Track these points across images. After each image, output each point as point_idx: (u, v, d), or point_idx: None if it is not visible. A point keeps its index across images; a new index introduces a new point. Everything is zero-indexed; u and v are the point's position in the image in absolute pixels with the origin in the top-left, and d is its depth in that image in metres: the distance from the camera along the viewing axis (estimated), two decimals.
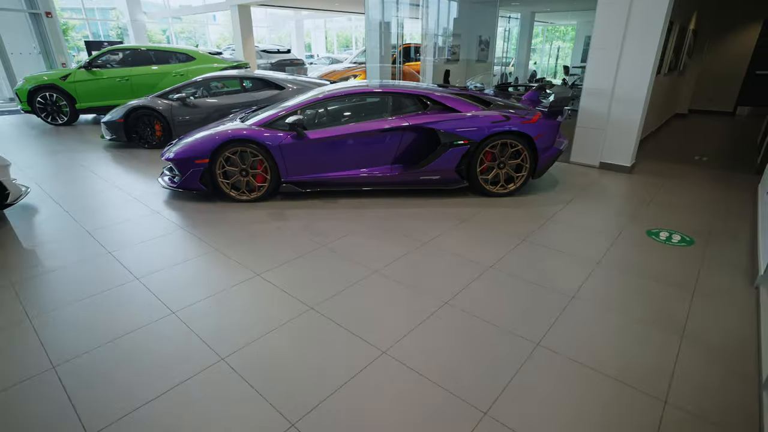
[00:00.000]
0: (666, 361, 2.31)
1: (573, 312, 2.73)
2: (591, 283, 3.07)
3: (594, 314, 2.71)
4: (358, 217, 4.21)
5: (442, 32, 10.60)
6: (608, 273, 3.23)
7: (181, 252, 3.47)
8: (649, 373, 2.21)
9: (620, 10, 5.33)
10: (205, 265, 3.28)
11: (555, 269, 3.27)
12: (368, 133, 4.47)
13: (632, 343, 2.44)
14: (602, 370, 2.23)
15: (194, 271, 3.18)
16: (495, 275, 3.16)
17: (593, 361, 2.29)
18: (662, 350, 2.39)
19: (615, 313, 2.73)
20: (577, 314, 2.71)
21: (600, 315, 2.70)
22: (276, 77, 7.22)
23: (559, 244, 3.69)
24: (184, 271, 3.18)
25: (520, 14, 13.31)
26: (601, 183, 5.36)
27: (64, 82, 8.17)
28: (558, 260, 3.41)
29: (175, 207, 4.43)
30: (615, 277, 3.17)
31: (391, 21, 9.53)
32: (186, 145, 4.51)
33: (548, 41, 22.64)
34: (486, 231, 3.92)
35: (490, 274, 3.17)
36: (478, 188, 4.71)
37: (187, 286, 2.97)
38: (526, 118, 4.58)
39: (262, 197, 4.58)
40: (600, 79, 5.70)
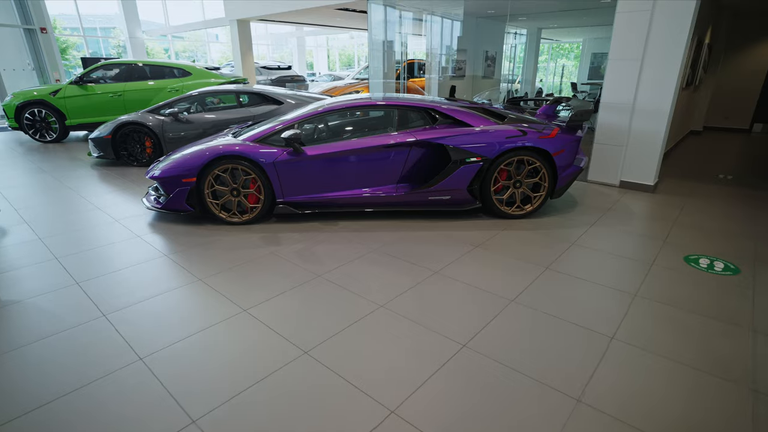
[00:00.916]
0: (740, 422, 1.90)
1: (615, 357, 2.32)
2: (631, 321, 2.66)
3: (640, 359, 2.30)
4: (360, 241, 3.83)
5: (447, 49, 10.39)
6: (649, 307, 2.82)
7: (159, 282, 3.08)
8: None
9: (641, 18, 5.03)
10: (184, 298, 2.89)
11: (587, 303, 2.86)
12: (372, 150, 4.13)
13: (693, 398, 2.03)
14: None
15: (171, 306, 2.78)
16: (518, 311, 2.75)
17: (648, 421, 1.88)
18: (730, 407, 1.98)
19: (665, 358, 2.31)
20: (620, 360, 2.30)
21: (647, 360, 2.29)
22: (274, 92, 6.93)
23: (587, 272, 3.29)
24: (160, 305, 2.79)
25: (527, 30, 13.15)
26: (623, 203, 4.98)
27: (54, 97, 7.90)
28: (589, 292, 3.01)
29: (159, 230, 4.06)
30: (658, 313, 2.76)
31: (395, 37, 9.31)
32: (173, 162, 4.17)
33: (553, 59, 22.58)
34: (503, 258, 3.53)
35: (512, 309, 2.77)
36: (492, 209, 4.34)
37: (161, 325, 2.57)
38: (544, 132, 4.23)
39: (255, 219, 4.21)
40: (619, 92, 5.37)
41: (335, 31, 19.70)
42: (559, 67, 22.79)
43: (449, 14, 9.72)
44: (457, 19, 10.06)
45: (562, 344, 2.43)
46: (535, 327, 2.58)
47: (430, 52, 10.34)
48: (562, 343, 2.43)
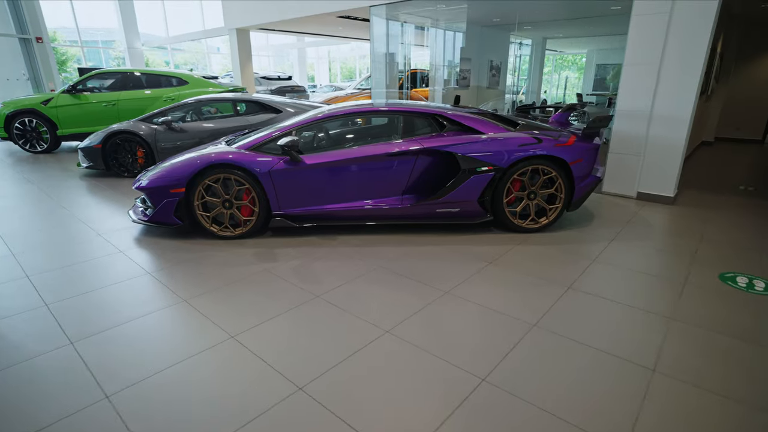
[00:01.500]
0: None
1: (659, 394, 2.00)
2: (671, 349, 2.35)
3: (686, 396, 1.98)
4: (361, 258, 3.53)
5: (451, 59, 10.19)
6: (689, 333, 2.51)
7: (138, 304, 2.78)
8: None
9: (658, 20, 4.79)
10: (164, 322, 2.58)
11: (618, 328, 2.55)
12: (375, 158, 3.85)
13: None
14: None
15: (149, 332, 2.48)
16: (542, 337, 2.44)
17: None
18: None
19: (716, 394, 2.00)
20: (665, 398, 1.98)
21: (695, 397, 1.97)
22: (273, 100, 6.69)
23: (614, 292, 2.98)
24: (136, 331, 2.48)
25: (532, 40, 12.99)
26: (643, 216, 4.68)
27: (45, 106, 7.68)
28: (619, 315, 2.70)
29: (144, 245, 3.77)
30: (699, 339, 2.45)
31: (398, 47, 9.11)
32: (161, 171, 3.89)
33: (557, 71, 22.46)
34: (520, 276, 3.22)
35: (535, 335, 2.46)
36: (505, 222, 4.04)
37: (134, 355, 2.26)
38: (561, 140, 3.96)
39: (249, 233, 3.92)
40: (636, 99, 5.11)
41: (337, 42, 19.62)
42: (562, 78, 22.66)
43: (453, 23, 9.54)
44: (459, 30, 9.88)
45: (597, 378, 2.11)
46: (563, 356, 2.27)
47: (434, 62, 10.15)
48: (597, 377, 2.12)
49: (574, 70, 22.80)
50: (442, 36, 9.78)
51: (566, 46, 17.12)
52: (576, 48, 18.21)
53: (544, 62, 14.10)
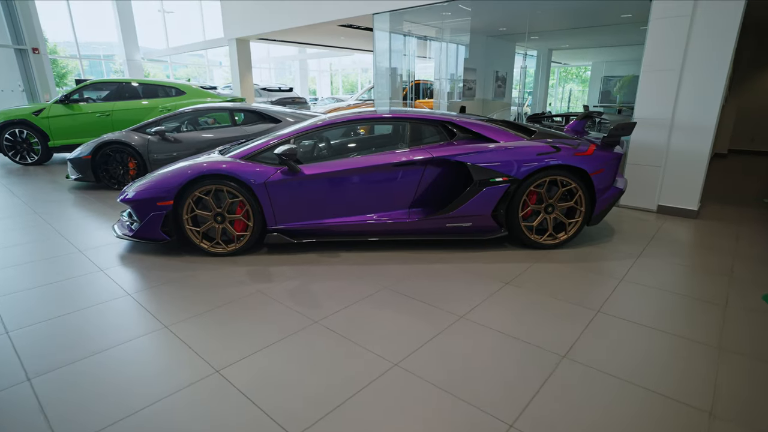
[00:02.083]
0: None
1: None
2: (726, 386, 2.02)
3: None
4: (366, 277, 3.22)
5: (456, 70, 9.98)
6: (743, 365, 2.19)
7: (113, 331, 2.47)
8: None
9: (679, 23, 4.54)
10: (140, 354, 2.27)
11: (661, 360, 2.23)
12: (380, 169, 3.56)
13: None
14: None
15: (120, 366, 2.16)
16: (575, 371, 2.12)
17: None
18: None
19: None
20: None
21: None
22: (271, 109, 6.45)
23: (648, 316, 2.66)
24: (106, 364, 2.17)
25: (537, 52, 12.81)
26: (667, 231, 4.37)
27: (37, 117, 7.44)
28: (661, 344, 2.37)
29: (128, 263, 3.47)
30: (756, 372, 2.12)
31: (402, 56, 8.90)
32: (148, 182, 3.61)
33: (561, 83, 22.34)
34: (542, 298, 2.90)
35: (566, 369, 2.14)
36: (520, 238, 3.74)
37: (100, 395, 1.95)
38: (580, 149, 3.67)
39: (242, 250, 3.62)
40: (655, 107, 4.84)
41: (339, 54, 19.53)
42: (566, 91, 22.52)
43: (458, 32, 9.35)
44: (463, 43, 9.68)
45: (644, 422, 1.79)
46: (602, 396, 1.95)
47: (438, 72, 9.94)
48: (644, 421, 1.79)
49: (577, 83, 22.70)
50: (446, 45, 9.58)
51: (571, 58, 16.98)
52: (581, 60, 18.09)
53: (549, 74, 13.93)
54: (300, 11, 8.89)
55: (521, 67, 12.71)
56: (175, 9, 19.88)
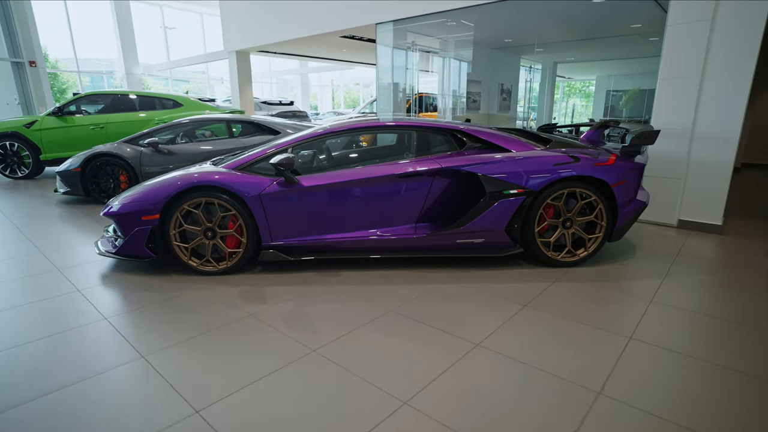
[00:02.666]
0: None
1: None
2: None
3: None
4: (369, 299, 2.94)
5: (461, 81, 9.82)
6: None
7: (83, 362, 2.18)
8: None
9: (699, 29, 4.33)
10: (109, 390, 1.97)
11: (705, 393, 1.94)
12: (384, 180, 3.31)
13: None
14: None
15: (87, 404, 1.87)
16: (613, 410, 1.83)
17: None
18: None
19: None
20: None
21: None
22: (270, 121, 6.23)
23: (688, 344, 2.37)
24: (70, 403, 1.88)
25: (542, 65, 12.70)
26: (691, 247, 4.09)
27: (29, 129, 7.24)
28: (702, 375, 2.08)
29: (109, 283, 3.19)
30: None
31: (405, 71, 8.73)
32: (134, 194, 3.35)
33: (564, 98, 22.26)
34: (566, 322, 2.62)
35: (603, 407, 1.85)
36: (536, 254, 3.46)
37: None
38: (600, 159, 3.42)
39: (235, 268, 3.34)
40: (674, 116, 4.60)
41: (341, 67, 19.45)
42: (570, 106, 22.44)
43: (462, 44, 9.19)
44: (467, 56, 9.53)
45: None
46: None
47: (442, 84, 9.77)
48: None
49: (581, 98, 22.63)
50: (451, 56, 9.42)
51: (576, 72, 16.89)
52: (585, 74, 18.00)
53: (555, 88, 13.80)
54: (302, 22, 8.76)
55: (526, 80, 12.59)
56: (177, 25, 19.96)
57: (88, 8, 16.72)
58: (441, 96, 10.01)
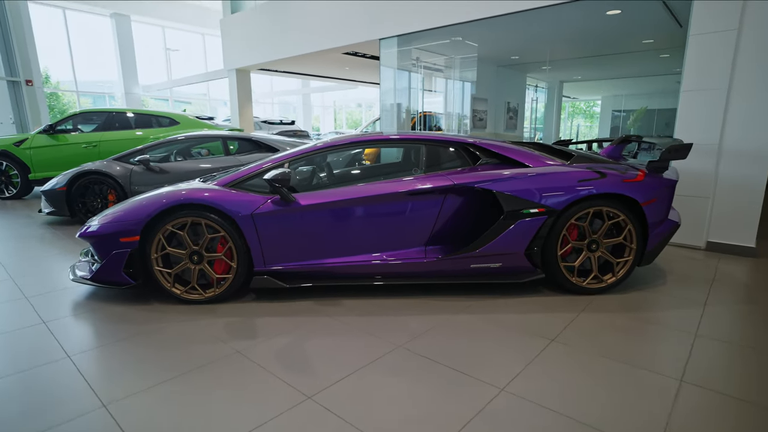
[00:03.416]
0: None
1: None
2: None
3: None
4: (374, 332, 2.60)
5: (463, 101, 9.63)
6: None
7: (31, 414, 1.83)
8: None
9: (725, 38, 4.08)
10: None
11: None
12: (391, 198, 3.00)
13: None
14: None
15: None
16: None
17: None
18: None
19: None
20: None
21: None
22: (269, 138, 5.99)
23: (750, 389, 2.02)
24: None
25: (548, 84, 12.55)
26: (727, 272, 3.75)
27: (18, 147, 7.00)
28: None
29: (81, 313, 2.85)
30: None
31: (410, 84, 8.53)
32: (115, 213, 3.04)
33: (569, 118, 22.17)
34: (603, 361, 2.27)
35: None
36: (559, 280, 3.13)
37: None
38: (629, 175, 3.12)
39: (223, 296, 3.01)
40: (698, 131, 4.31)
41: (343, 86, 19.38)
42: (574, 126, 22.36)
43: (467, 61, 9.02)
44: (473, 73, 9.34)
45: None
46: None
47: (447, 102, 9.57)
48: None
49: (585, 118, 22.54)
50: (456, 73, 9.23)
51: (581, 91, 16.76)
52: (591, 94, 17.89)
53: (561, 107, 13.65)
54: (304, 39, 8.60)
55: (532, 99, 12.42)
56: (179, 46, 20.02)
57: (90, 30, 16.78)
58: (445, 115, 9.81)
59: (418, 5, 6.67)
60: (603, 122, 18.31)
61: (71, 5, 15.34)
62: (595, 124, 19.08)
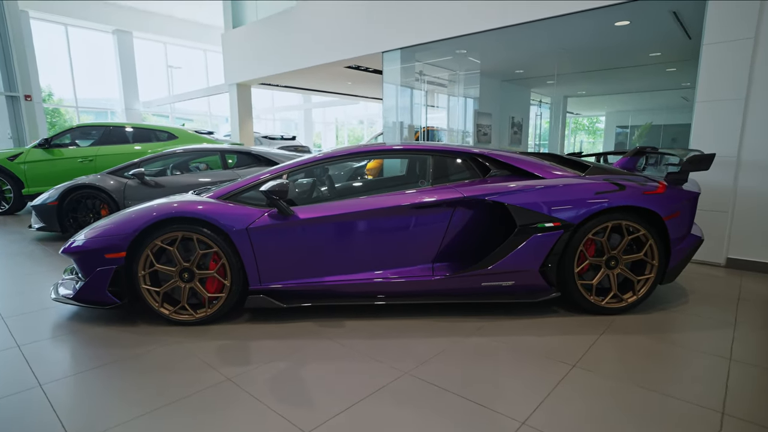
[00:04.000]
0: None
1: None
2: None
3: None
4: (378, 356, 2.39)
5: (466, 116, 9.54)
6: None
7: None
8: None
9: (741, 47, 3.94)
10: None
11: None
12: (396, 212, 2.82)
13: None
14: None
15: None
16: None
17: None
18: None
19: None
20: None
21: None
22: (269, 152, 5.83)
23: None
24: None
25: (552, 99, 12.48)
26: (751, 290, 3.54)
27: (12, 162, 6.86)
28: None
29: (61, 336, 2.65)
30: None
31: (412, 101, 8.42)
32: (102, 227, 2.86)
33: (572, 134, 22.13)
34: (631, 390, 2.05)
35: None
36: (576, 299, 2.92)
37: None
38: (649, 187, 2.93)
39: (215, 316, 2.80)
40: (715, 142, 4.15)
41: (345, 102, 19.35)
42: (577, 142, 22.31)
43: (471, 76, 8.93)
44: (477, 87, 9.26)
45: None
46: None
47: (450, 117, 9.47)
48: None
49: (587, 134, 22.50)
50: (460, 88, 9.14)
51: (585, 107, 16.71)
52: (594, 110, 17.84)
53: (566, 122, 13.56)
54: (306, 52, 8.52)
55: (536, 114, 12.35)
56: (182, 64, 20.09)
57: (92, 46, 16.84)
58: (449, 130, 9.71)
59: (421, 17, 6.59)
60: (607, 138, 18.22)
61: (73, 21, 15.42)
62: (598, 141, 19.01)
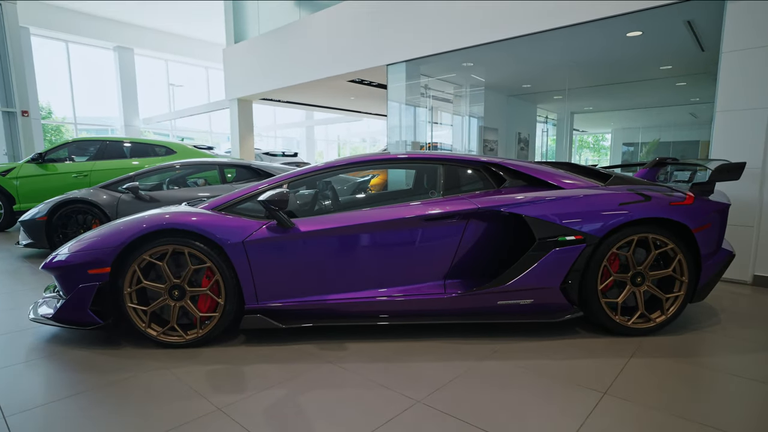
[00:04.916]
0: None
1: None
2: None
3: None
4: (386, 382, 2.18)
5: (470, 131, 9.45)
6: None
7: None
8: None
9: (763, 55, 3.81)
10: None
11: None
12: (404, 224, 2.64)
13: None
14: None
15: None
16: None
17: None
18: None
19: None
20: None
21: None
22: (269, 166, 5.68)
23: None
24: None
25: (558, 115, 12.42)
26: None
27: (4, 177, 6.72)
28: None
29: (33, 359, 2.44)
30: None
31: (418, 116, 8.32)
32: (87, 240, 2.68)
33: (577, 152, 22.09)
34: (674, 423, 1.84)
35: None
36: (600, 319, 2.71)
37: None
38: (675, 197, 2.75)
39: (208, 338, 2.60)
40: (738, 153, 3.98)
41: (347, 119, 19.33)
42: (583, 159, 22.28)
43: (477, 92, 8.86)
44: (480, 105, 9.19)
45: None
46: None
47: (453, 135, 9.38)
48: None
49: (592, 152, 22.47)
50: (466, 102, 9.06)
51: (591, 124, 16.66)
52: (600, 127, 17.80)
53: (572, 138, 13.48)
54: (309, 65, 8.45)
55: (542, 131, 12.28)
56: (183, 81, 20.19)
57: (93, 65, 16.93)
58: (454, 146, 9.61)
59: (426, 29, 6.51)
60: (614, 155, 18.10)
61: (74, 38, 15.52)
62: (603, 159, 18.90)
